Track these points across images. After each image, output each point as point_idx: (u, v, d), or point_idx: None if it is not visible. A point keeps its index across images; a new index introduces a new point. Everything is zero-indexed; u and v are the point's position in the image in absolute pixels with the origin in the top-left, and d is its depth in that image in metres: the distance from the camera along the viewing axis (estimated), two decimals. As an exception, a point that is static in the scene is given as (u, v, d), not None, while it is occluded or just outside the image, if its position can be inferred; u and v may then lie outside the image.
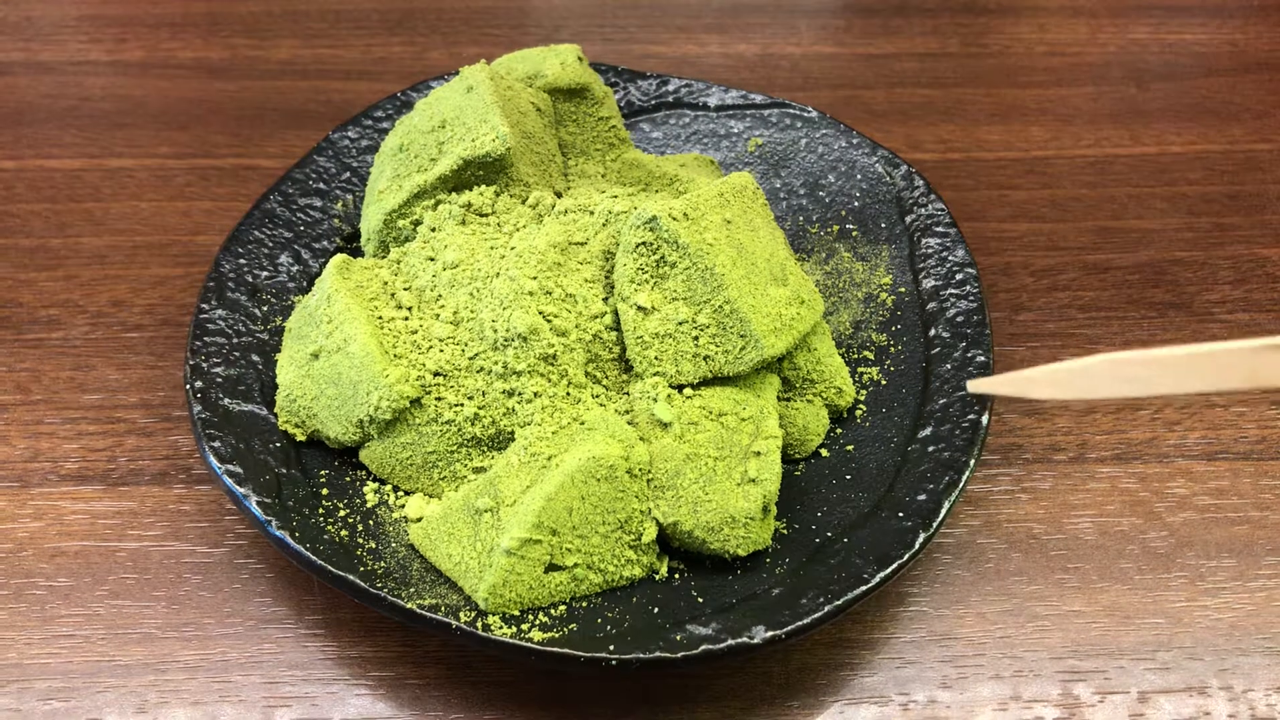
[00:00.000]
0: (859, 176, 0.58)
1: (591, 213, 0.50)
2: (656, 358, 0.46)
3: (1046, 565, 0.50)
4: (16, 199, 0.64)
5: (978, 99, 0.73)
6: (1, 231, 0.62)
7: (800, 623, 0.41)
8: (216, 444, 0.45)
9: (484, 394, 0.46)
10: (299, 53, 0.75)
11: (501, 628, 0.42)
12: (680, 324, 0.45)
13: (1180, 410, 0.55)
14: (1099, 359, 0.38)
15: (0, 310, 0.58)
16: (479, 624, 0.41)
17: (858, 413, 0.50)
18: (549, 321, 0.46)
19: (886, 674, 0.46)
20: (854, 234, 0.56)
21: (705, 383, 0.46)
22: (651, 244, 0.45)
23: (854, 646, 0.47)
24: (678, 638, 0.41)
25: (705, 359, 0.45)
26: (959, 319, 0.51)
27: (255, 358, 0.50)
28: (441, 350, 0.47)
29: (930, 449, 0.47)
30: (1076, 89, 0.74)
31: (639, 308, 0.46)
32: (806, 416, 0.49)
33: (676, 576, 0.45)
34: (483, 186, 0.51)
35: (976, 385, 0.45)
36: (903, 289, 0.54)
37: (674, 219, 0.45)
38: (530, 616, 0.42)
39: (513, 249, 0.49)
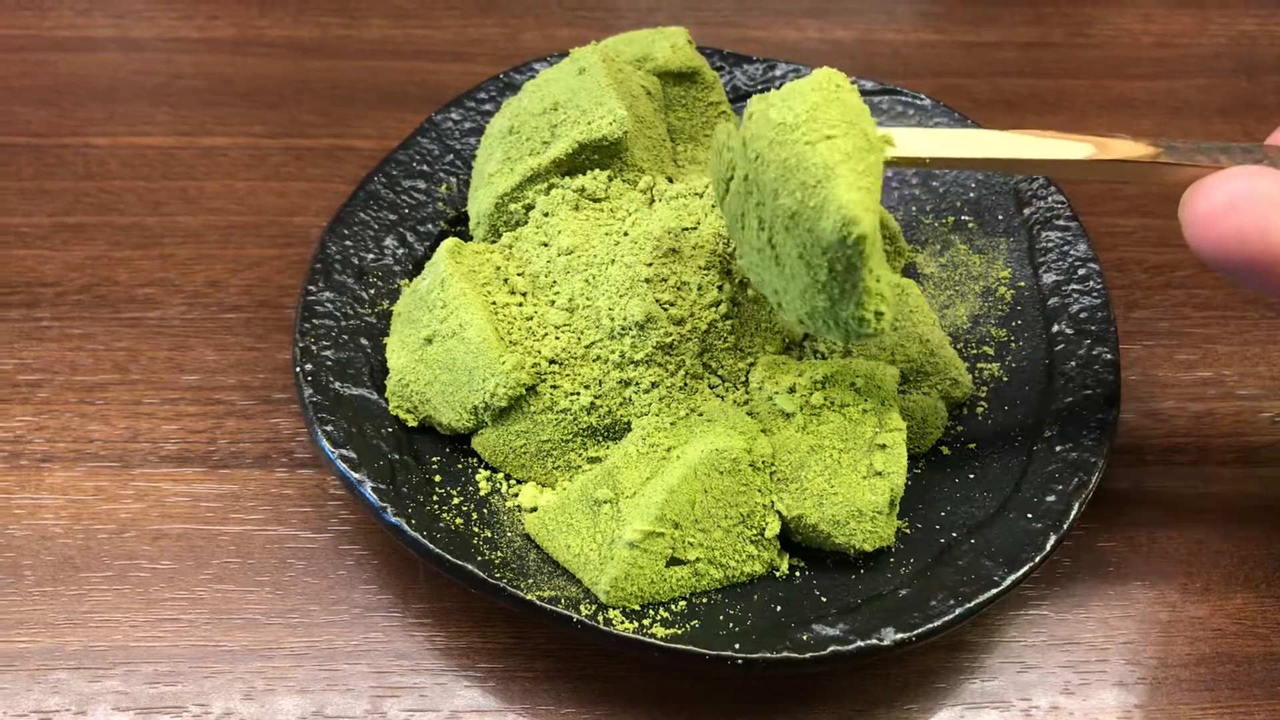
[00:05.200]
0: (974, 166, 0.56)
1: (700, 195, 0.49)
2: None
3: (1168, 570, 0.48)
4: (110, 176, 0.64)
5: (1084, 90, 0.72)
6: (96, 209, 0.62)
7: (930, 625, 0.40)
8: (329, 428, 0.45)
9: (600, 383, 0.45)
10: (390, 32, 0.74)
11: (623, 622, 0.41)
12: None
13: (1306, 413, 0.54)
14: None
15: (97, 288, 0.58)
16: (600, 618, 0.40)
17: (979, 409, 0.49)
18: (665, 310, 0.45)
19: (1007, 679, 0.45)
20: (970, 225, 0.55)
21: (826, 379, 0.45)
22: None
23: (973, 650, 0.46)
24: (804, 638, 0.40)
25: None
26: (1082, 315, 0.50)
27: (364, 341, 0.49)
28: (557, 338, 0.46)
29: (1058, 448, 0.46)
30: (1185, 81, 0.72)
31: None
32: (924, 409, 0.48)
33: (797, 574, 0.44)
34: (596, 171, 0.50)
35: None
36: (1022, 283, 0.52)
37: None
38: (651, 611, 0.41)
39: (626, 235, 0.47)
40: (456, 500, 0.45)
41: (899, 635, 0.40)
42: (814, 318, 0.40)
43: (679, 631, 0.40)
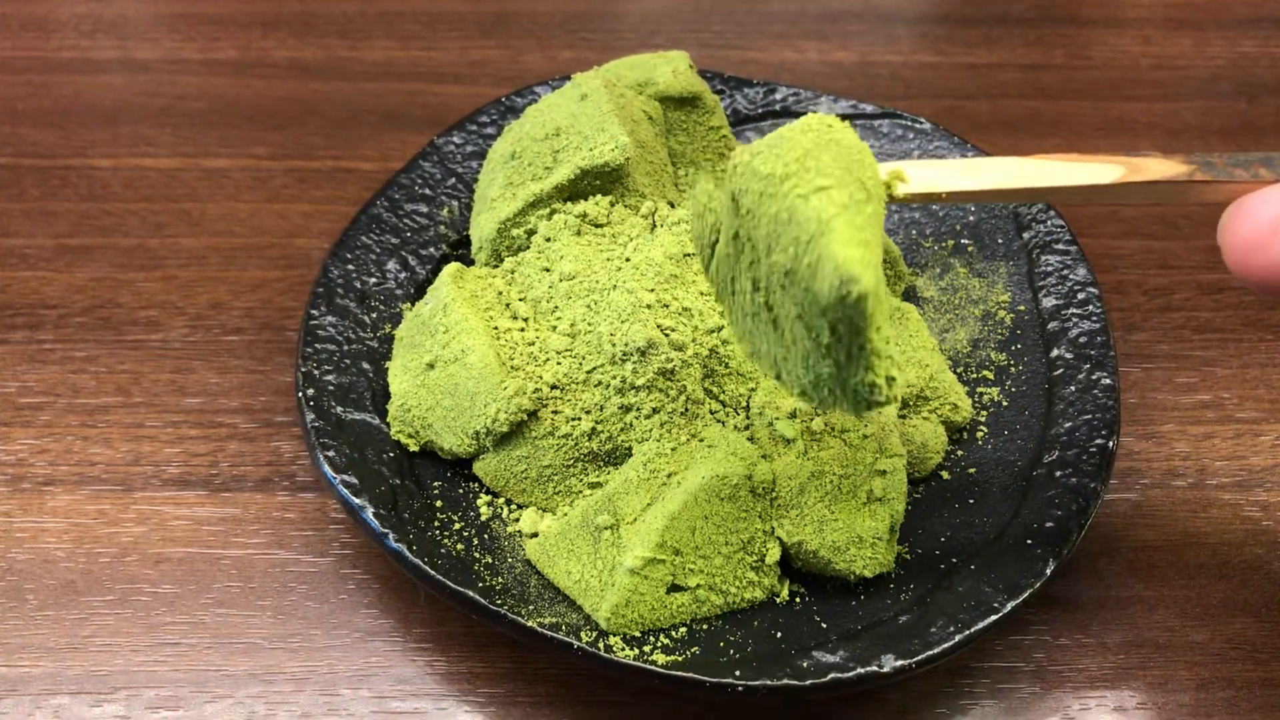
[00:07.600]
0: (974, 190, 0.56)
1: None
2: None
3: (1168, 594, 0.48)
4: (114, 198, 0.64)
5: (1083, 112, 0.72)
6: (99, 230, 0.62)
7: (930, 652, 0.40)
8: (331, 453, 0.45)
9: (601, 408, 0.45)
10: (393, 54, 0.75)
11: (624, 649, 0.41)
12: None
13: (1304, 437, 0.54)
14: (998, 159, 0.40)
15: (100, 310, 0.58)
16: (600, 645, 0.41)
17: (979, 434, 0.49)
18: (666, 335, 0.45)
19: (1007, 703, 0.45)
20: (970, 249, 0.55)
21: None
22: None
23: (972, 675, 0.46)
24: (804, 664, 0.40)
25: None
26: (1082, 339, 0.50)
27: (366, 365, 0.49)
28: (559, 363, 0.46)
29: (1057, 474, 0.46)
30: (1184, 103, 0.73)
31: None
32: (925, 433, 0.48)
33: (797, 600, 0.44)
34: (598, 196, 0.50)
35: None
36: (1022, 307, 0.52)
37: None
38: (651, 638, 0.42)
39: (628, 260, 0.48)
40: (458, 526, 0.45)
41: (899, 662, 0.40)
42: (819, 387, 0.36)
43: (679, 658, 0.40)
